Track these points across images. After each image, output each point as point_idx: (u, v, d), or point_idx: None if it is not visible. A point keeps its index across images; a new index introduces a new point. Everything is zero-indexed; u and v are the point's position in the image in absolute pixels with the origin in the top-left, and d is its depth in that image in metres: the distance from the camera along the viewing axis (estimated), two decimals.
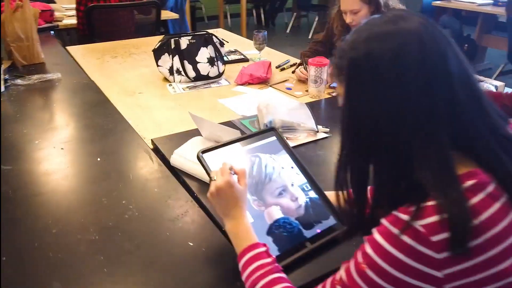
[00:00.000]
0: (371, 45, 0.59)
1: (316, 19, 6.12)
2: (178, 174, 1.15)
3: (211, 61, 1.87)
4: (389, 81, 0.58)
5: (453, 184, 0.55)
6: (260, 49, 2.11)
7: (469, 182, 0.56)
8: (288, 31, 6.38)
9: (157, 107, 1.62)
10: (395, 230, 0.56)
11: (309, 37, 5.90)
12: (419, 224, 0.54)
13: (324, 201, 0.94)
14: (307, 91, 1.75)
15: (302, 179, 0.96)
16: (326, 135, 1.37)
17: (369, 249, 0.58)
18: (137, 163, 1.24)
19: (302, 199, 0.93)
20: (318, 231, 0.89)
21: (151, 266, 0.83)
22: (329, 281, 0.65)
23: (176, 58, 1.82)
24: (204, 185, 1.08)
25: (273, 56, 2.23)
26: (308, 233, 0.88)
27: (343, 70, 0.65)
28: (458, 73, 0.58)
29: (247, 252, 0.75)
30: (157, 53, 1.85)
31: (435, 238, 0.53)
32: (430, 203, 0.55)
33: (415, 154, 0.57)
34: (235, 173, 0.81)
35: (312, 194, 0.95)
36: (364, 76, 0.60)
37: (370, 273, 0.57)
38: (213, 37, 1.89)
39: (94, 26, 2.62)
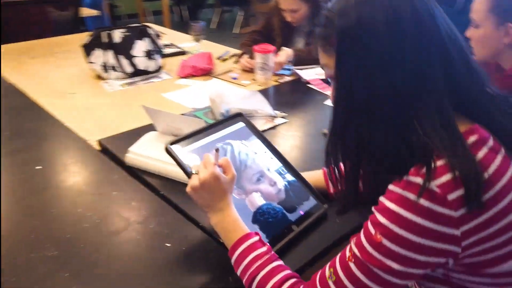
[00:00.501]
0: (362, 10, 0.57)
1: (241, 14, 6.11)
2: (136, 173, 1.04)
3: (148, 55, 1.75)
4: (383, 45, 0.56)
5: (459, 142, 0.55)
6: (198, 40, 2.03)
7: (472, 138, 0.57)
8: (213, 26, 6.30)
9: (96, 106, 1.47)
10: (410, 195, 0.54)
11: (236, 32, 5.88)
12: (434, 184, 0.53)
13: (302, 183, 0.91)
14: (254, 79, 1.71)
15: (277, 163, 0.93)
16: (284, 120, 1.34)
17: (382, 219, 0.56)
18: (86, 167, 1.10)
19: (281, 183, 0.89)
20: (302, 213, 0.86)
21: (129, 275, 0.74)
22: (337, 260, 0.62)
23: (110, 53, 1.68)
24: (168, 181, 1.00)
25: (211, 47, 2.16)
26: (292, 216, 0.85)
27: (329, 39, 0.62)
28: (447, 32, 0.58)
29: (240, 244, 0.69)
30: (88, 49, 1.69)
31: (451, 196, 0.52)
32: (439, 162, 0.54)
33: (416, 116, 0.56)
34: (220, 165, 0.75)
35: (289, 177, 0.91)
36: (356, 43, 0.58)
37: (386, 242, 0.55)
38: (149, 29, 1.77)
39: (3, 25, 2.32)
